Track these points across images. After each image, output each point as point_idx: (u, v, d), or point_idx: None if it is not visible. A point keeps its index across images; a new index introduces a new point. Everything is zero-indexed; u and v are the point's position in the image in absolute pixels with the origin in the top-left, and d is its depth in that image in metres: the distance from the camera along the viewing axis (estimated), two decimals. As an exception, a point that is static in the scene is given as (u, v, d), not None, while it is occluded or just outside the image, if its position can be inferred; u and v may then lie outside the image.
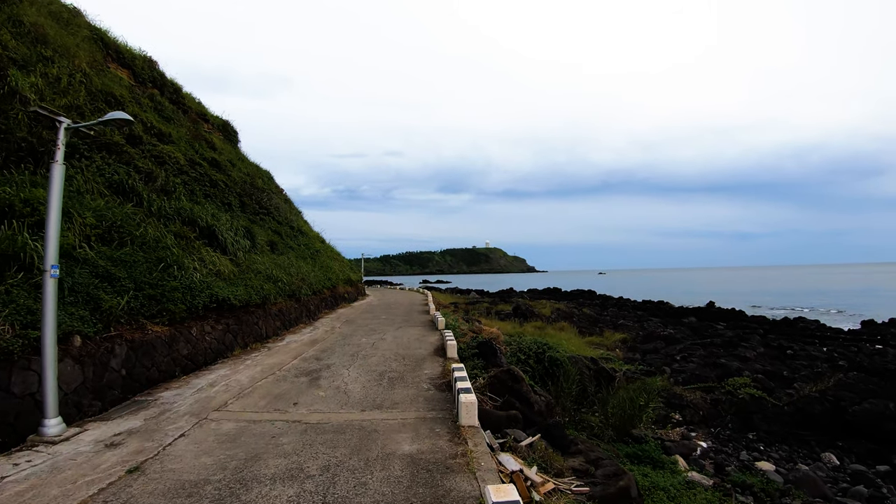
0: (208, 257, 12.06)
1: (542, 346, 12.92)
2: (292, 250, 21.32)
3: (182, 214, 13.11)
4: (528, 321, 23.09)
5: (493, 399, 7.31)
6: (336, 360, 9.30)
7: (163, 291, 9.10)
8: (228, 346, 10.75)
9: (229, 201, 18.50)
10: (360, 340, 11.66)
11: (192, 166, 17.25)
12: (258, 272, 14.16)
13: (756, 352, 17.47)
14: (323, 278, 20.67)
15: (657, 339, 19.17)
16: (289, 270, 16.27)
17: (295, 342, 11.90)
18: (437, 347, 10.60)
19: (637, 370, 14.36)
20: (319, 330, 13.91)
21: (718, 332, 22.42)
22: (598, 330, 21.01)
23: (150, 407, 6.76)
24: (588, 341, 18.62)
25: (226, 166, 20.94)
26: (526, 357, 12.22)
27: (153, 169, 14.11)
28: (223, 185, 18.84)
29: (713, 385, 13.32)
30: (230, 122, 29.39)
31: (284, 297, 14.73)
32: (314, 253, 23.77)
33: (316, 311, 17.36)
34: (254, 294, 12.41)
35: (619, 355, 16.67)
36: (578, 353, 15.73)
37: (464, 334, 12.13)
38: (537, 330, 20.10)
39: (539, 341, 13.30)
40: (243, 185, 21.50)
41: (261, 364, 9.32)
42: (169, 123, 19.05)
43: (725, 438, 11.54)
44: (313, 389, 7.15)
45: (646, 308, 36.78)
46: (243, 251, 14.97)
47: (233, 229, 15.23)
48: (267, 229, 20.68)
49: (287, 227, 23.96)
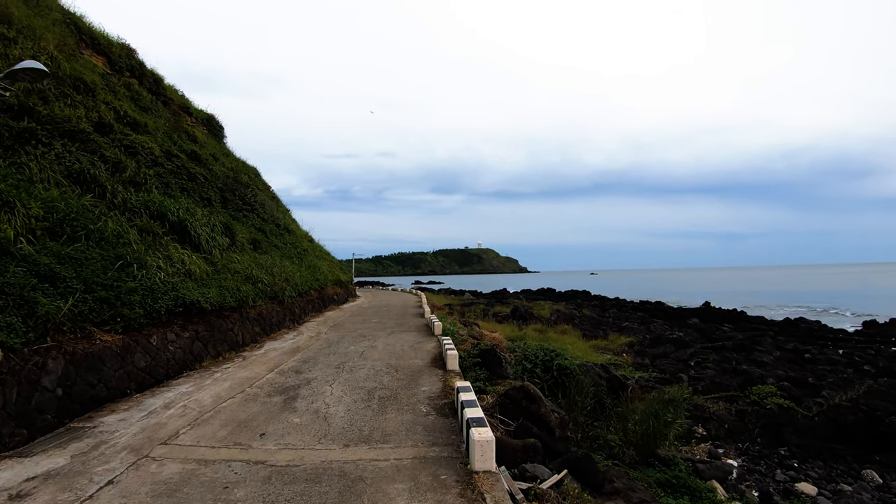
0: (177, 255, 10.70)
1: (549, 353, 11.70)
2: (277, 249, 19.97)
3: (150, 208, 11.75)
4: (527, 324, 21.91)
5: (504, 423, 6.07)
6: (318, 373, 7.99)
7: (118, 293, 7.76)
8: (197, 357, 9.41)
9: (209, 196, 17.12)
10: (347, 348, 10.36)
11: (168, 158, 15.89)
12: (236, 272, 12.82)
13: (773, 356, 16.44)
14: (310, 279, 19.31)
15: (666, 343, 18.08)
16: (271, 270, 14.92)
17: (275, 350, 10.58)
18: (435, 356, 9.34)
19: (651, 378, 13.21)
20: (304, 336, 12.58)
21: (727, 335, 21.40)
22: (603, 333, 19.87)
23: (85, 437, 5.43)
24: (593, 345, 17.47)
25: (207, 160, 19.58)
26: (532, 366, 11.00)
27: (122, 159, 12.77)
28: (202, 179, 17.46)
29: (736, 394, 12.20)
30: (215, 116, 28.06)
31: (265, 300, 13.39)
32: (301, 252, 22.39)
33: (301, 315, 16.02)
34: (229, 296, 11.07)
35: (627, 361, 15.53)
36: (585, 358, 14.58)
37: (463, 340, 10.89)
38: (538, 333, 18.92)
39: (545, 347, 12.10)
40: (225, 180, 20.11)
41: (231, 378, 8.00)
42: (146, 113, 17.75)
43: (755, 455, 10.41)
44: (287, 413, 5.85)
45: (645, 309, 35.75)
46: (220, 249, 13.62)
47: (209, 225, 13.86)
48: (250, 226, 19.31)
49: (272, 225, 22.58)
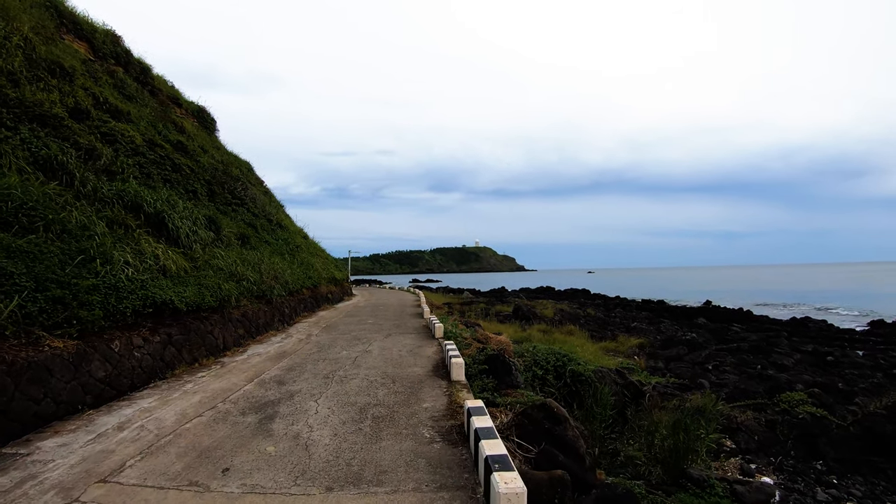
0: (150, 249, 9.63)
1: (560, 357, 10.70)
2: (268, 245, 18.91)
3: (124, 198, 10.68)
4: (530, 324, 20.91)
5: (522, 448, 5.04)
6: (304, 384, 6.94)
7: (75, 292, 6.71)
8: (169, 364, 8.35)
9: (194, 188, 16.05)
10: (339, 354, 9.31)
11: (150, 148, 14.83)
12: (219, 269, 11.77)
13: (793, 359, 15.49)
14: (302, 277, 18.26)
15: (679, 345, 17.12)
16: (258, 267, 13.86)
17: (258, 356, 9.52)
18: (437, 363, 8.30)
19: (669, 383, 12.22)
20: (292, 338, 11.52)
21: (740, 336, 20.45)
22: (611, 334, 18.87)
23: (12, 469, 4.38)
24: (602, 347, 16.48)
25: (195, 151, 18.52)
26: (544, 372, 9.98)
27: (98, 146, 11.72)
28: (188, 171, 16.41)
29: (764, 402, 11.23)
30: (206, 109, 26.98)
31: (251, 299, 12.34)
32: (294, 249, 21.32)
33: (291, 315, 14.96)
34: (208, 295, 10.02)
35: (640, 364, 14.55)
36: (596, 362, 13.60)
37: (468, 345, 9.85)
38: (543, 334, 17.93)
39: (556, 351, 11.09)
40: (214, 173, 19.03)
41: (204, 390, 6.94)
42: (130, 102, 16.74)
43: (790, 470, 9.42)
44: (260, 439, 4.80)
45: (650, 308, 34.78)
46: (203, 244, 12.56)
47: (191, 218, 12.79)
48: (239, 221, 18.24)
49: (264, 220, 21.50)
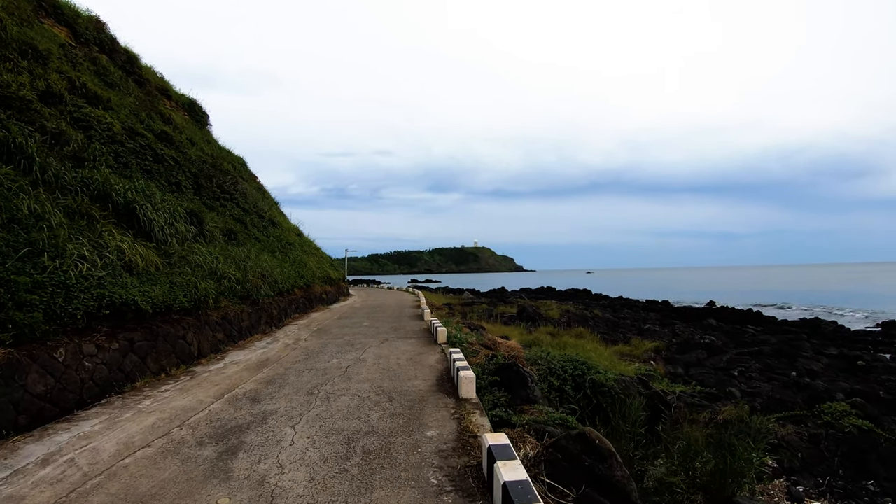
0: (113, 242, 8.47)
1: (578, 365, 9.56)
2: (258, 242, 17.77)
3: (90, 186, 9.53)
4: (536, 326, 19.76)
5: (556, 492, 3.89)
6: (282, 402, 5.78)
7: (12, 291, 5.55)
8: (129, 375, 7.18)
9: (178, 180, 14.94)
10: (328, 362, 8.14)
11: (130, 136, 13.72)
12: (197, 266, 10.61)
13: (821, 363, 14.39)
14: (294, 276, 17.09)
15: (696, 348, 15.99)
16: (244, 265, 12.69)
17: (236, 364, 8.35)
18: (441, 375, 7.15)
19: (695, 392, 11.10)
20: (278, 343, 10.35)
21: (758, 338, 19.35)
22: (623, 337, 17.72)
23: None
24: (616, 351, 15.35)
25: (181, 143, 17.47)
26: (561, 383, 8.84)
27: (68, 132, 10.62)
28: (172, 162, 15.30)
29: (802, 413, 10.11)
30: (197, 102, 25.87)
31: (234, 300, 11.17)
32: (286, 246, 20.15)
33: (280, 317, 13.78)
34: (181, 295, 8.85)
35: (659, 370, 13.42)
36: (612, 368, 12.48)
37: (475, 352, 8.70)
38: (551, 338, 16.79)
39: (573, 359, 9.95)
40: (202, 165, 17.91)
41: (162, 409, 5.78)
42: (112, 89, 15.78)
43: (840, 492, 8.29)
44: (214, 485, 3.64)
45: (657, 309, 33.63)
46: (181, 238, 11.42)
47: (169, 211, 11.65)
48: (226, 216, 17.12)
49: (255, 216, 20.34)
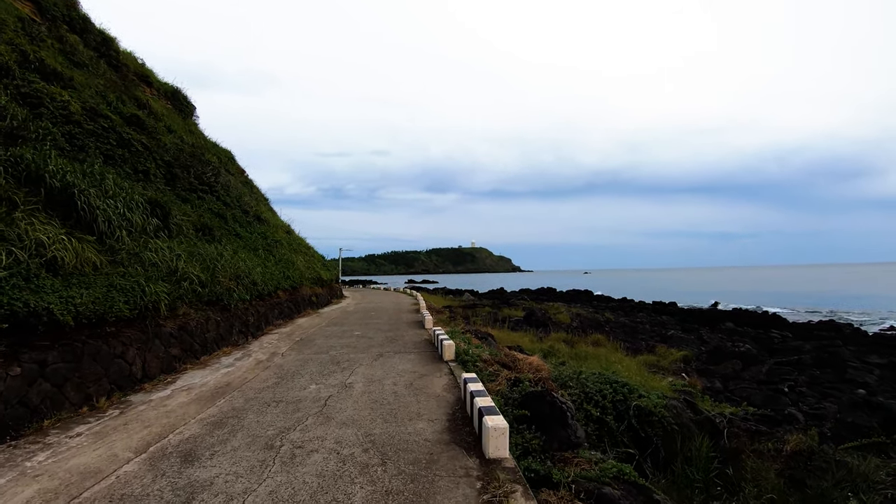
0: (32, 234, 6.64)
1: (618, 388, 7.76)
2: (238, 238, 15.93)
3: (19, 166, 7.70)
4: (547, 332, 17.96)
5: None
6: (225, 464, 3.94)
7: None
8: (37, 410, 5.34)
9: (146, 168, 13.15)
10: (304, 390, 6.29)
11: (91, 118, 11.96)
12: (152, 264, 8.77)
13: (873, 374, 12.69)
14: (278, 277, 15.23)
15: (730, 358, 14.26)
16: (214, 264, 10.83)
17: (187, 391, 6.50)
18: (453, 411, 5.32)
19: (748, 414, 9.32)
20: (249, 360, 8.50)
21: (790, 345, 17.66)
22: (647, 345, 15.92)
23: None
24: (641, 361, 13.57)
25: (156, 130, 15.76)
26: (601, 412, 7.04)
27: (8, 107, 8.85)
28: (140, 148, 13.53)
29: (883, 440, 8.35)
30: (182, 91, 24.07)
31: (197, 305, 9.31)
32: (271, 244, 18.28)
33: (259, 324, 11.91)
34: (121, 301, 7.00)
35: (696, 385, 11.66)
36: (642, 382, 10.70)
37: (493, 375, 6.85)
38: (567, 346, 15.02)
39: (610, 379, 8.15)
40: (178, 154, 16.12)
41: (51, 472, 3.94)
42: (78, 69, 14.08)
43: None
44: None
45: (669, 312, 31.90)
46: (136, 232, 9.58)
47: (124, 199, 9.81)
48: (204, 209, 15.31)
49: (237, 211, 18.48)
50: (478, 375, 6.74)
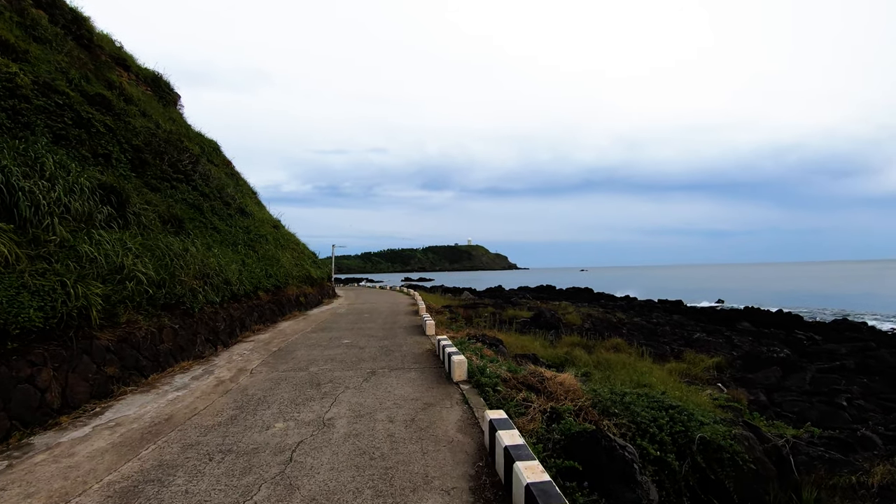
0: None
1: (672, 413, 6.15)
2: (216, 232, 14.25)
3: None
4: (559, 336, 16.37)
5: None
6: None
7: None
8: None
9: (107, 151, 11.53)
10: (266, 433, 4.61)
11: (43, 93, 10.36)
12: (92, 260, 7.09)
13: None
14: (259, 275, 13.54)
15: (768, 364, 12.70)
16: (177, 260, 9.12)
17: (110, 430, 4.81)
18: (477, 474, 3.67)
19: (814, 437, 7.73)
20: (207, 380, 6.80)
21: (824, 348, 16.16)
22: (672, 350, 14.29)
23: None
24: (672, 370, 11.99)
25: (125, 112, 14.16)
26: (660, 450, 5.43)
27: None
28: (103, 129, 11.91)
29: None
30: (163, 77, 22.35)
31: (148, 310, 7.60)
32: (255, 239, 16.58)
33: (232, 331, 10.21)
34: (31, 308, 5.33)
35: (741, 399, 10.08)
36: (680, 397, 9.11)
37: (522, 405, 5.19)
38: (585, 352, 13.41)
39: (661, 401, 6.54)
40: (150, 138, 14.46)
41: None
42: (38, 43, 12.36)
43: None
44: None
45: (681, 311, 30.39)
46: (77, 221, 7.91)
47: (65, 183, 8.13)
48: (178, 200, 13.71)
49: (218, 202, 16.76)
50: (501, 403, 5.11)
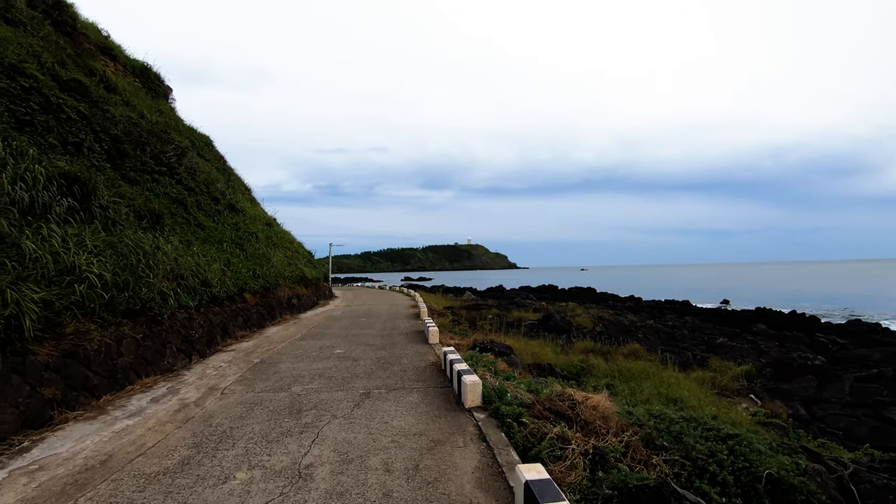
0: None
1: (732, 444, 5.07)
2: (200, 229, 13.20)
3: None
4: (570, 341, 15.28)
5: None
6: None
7: None
8: None
9: (78, 139, 10.57)
10: (221, 488, 3.50)
11: (9, 76, 9.47)
12: (35, 259, 6.01)
13: None
14: (245, 275, 12.43)
15: (802, 372, 11.61)
16: (145, 259, 7.99)
17: (28, 478, 3.69)
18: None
19: (876, 461, 6.65)
20: (168, 403, 5.70)
21: (854, 353, 15.09)
22: (695, 356, 13.15)
23: None
24: (698, 379, 10.90)
25: (105, 100, 13.19)
26: (722, 490, 4.35)
27: None
28: (75, 116, 10.92)
29: None
30: (152, 68, 21.35)
31: (105, 318, 6.49)
32: (244, 236, 15.48)
33: (211, 339, 9.09)
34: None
35: (780, 412, 9.00)
36: (715, 412, 8.02)
37: (553, 444, 4.08)
38: (602, 359, 12.34)
39: (716, 429, 5.45)
40: (131, 128, 13.46)
41: None
42: (9, 26, 11.56)
43: None
44: None
45: (694, 312, 29.27)
46: (23, 214, 6.83)
47: (14, 170, 7.06)
48: (160, 194, 12.74)
49: (205, 197, 15.70)
50: (529, 442, 4.01)
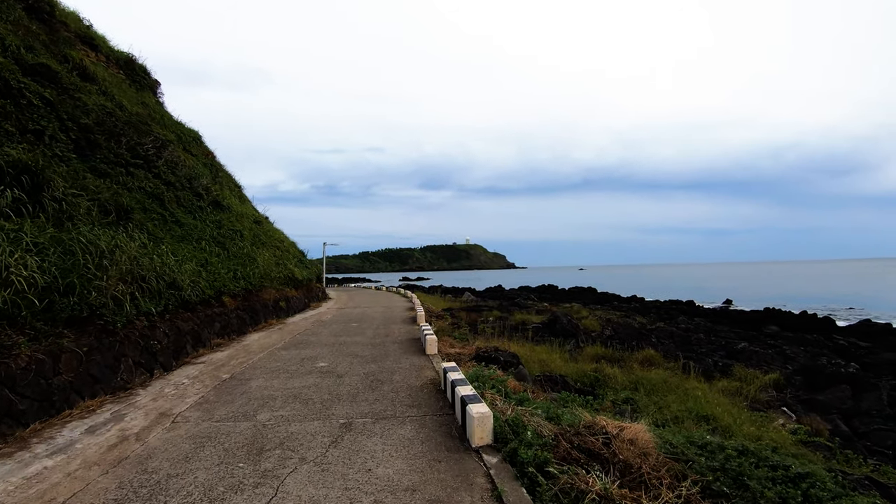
0: None
1: (805, 487, 4.06)
2: (178, 226, 12.17)
3: None
4: (579, 347, 14.25)
5: None
6: None
7: None
8: None
9: (40, 127, 9.50)
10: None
11: None
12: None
13: None
14: (225, 277, 11.35)
15: (834, 382, 10.60)
16: (94, 260, 6.89)
17: None
18: None
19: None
20: (105, 436, 4.62)
21: (883, 358, 14.09)
22: (713, 362, 12.08)
23: None
24: (722, 389, 9.88)
25: (76, 87, 12.18)
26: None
27: None
28: (39, 103, 9.91)
29: None
30: (137, 60, 20.36)
31: (40, 329, 5.41)
32: (226, 234, 14.39)
33: (179, 349, 8.01)
34: None
35: (821, 429, 7.99)
36: (754, 433, 7.02)
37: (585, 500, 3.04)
38: (613, 367, 11.32)
39: (782, 466, 4.43)
40: (104, 118, 12.44)
41: None
42: None
43: None
44: None
45: (703, 314, 28.24)
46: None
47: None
48: (133, 188, 11.74)
49: (186, 192, 14.66)
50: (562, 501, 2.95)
